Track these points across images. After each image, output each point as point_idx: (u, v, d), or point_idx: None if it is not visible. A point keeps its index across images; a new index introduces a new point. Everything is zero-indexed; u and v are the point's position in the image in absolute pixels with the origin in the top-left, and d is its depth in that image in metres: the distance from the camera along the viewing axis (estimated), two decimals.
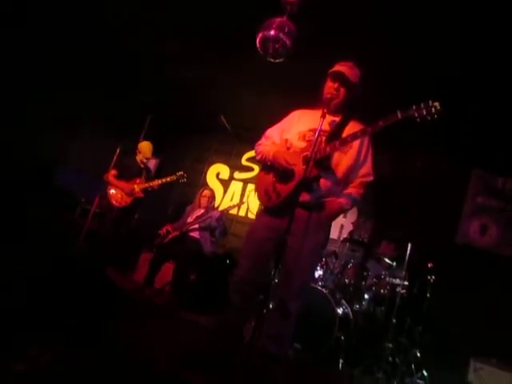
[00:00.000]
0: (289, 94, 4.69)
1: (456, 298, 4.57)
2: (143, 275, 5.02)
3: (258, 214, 2.73)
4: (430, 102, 2.15)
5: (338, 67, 2.53)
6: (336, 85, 2.51)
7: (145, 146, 5.37)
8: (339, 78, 2.50)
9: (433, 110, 2.12)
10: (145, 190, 5.16)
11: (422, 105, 2.16)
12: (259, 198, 2.65)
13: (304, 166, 2.34)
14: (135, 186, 5.12)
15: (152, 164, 6.77)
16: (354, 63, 2.57)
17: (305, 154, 2.41)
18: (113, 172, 5.14)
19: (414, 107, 2.18)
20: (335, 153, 2.44)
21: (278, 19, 3.26)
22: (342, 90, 2.52)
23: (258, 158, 2.70)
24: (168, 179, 5.19)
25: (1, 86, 4.72)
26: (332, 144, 2.39)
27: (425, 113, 2.13)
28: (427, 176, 5.39)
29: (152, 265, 4.93)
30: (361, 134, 2.36)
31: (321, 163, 2.40)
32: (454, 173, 5.37)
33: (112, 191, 5.08)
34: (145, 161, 5.37)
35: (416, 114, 2.16)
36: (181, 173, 5.24)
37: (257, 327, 1.96)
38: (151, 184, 5.16)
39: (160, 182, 5.16)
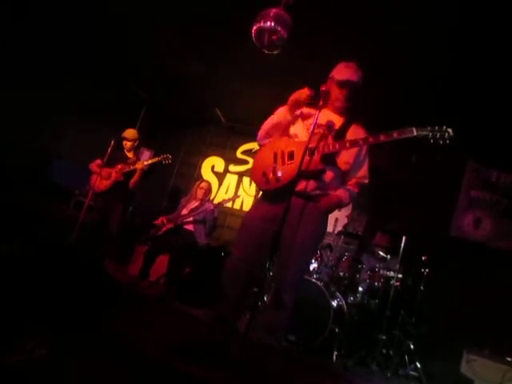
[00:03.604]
0: (284, 86, 4.66)
1: (449, 290, 4.60)
2: (138, 268, 5.01)
3: (254, 204, 2.73)
4: (444, 126, 2.19)
5: (345, 74, 2.53)
6: (344, 92, 2.53)
7: (128, 131, 5.23)
8: (348, 86, 2.52)
9: (446, 135, 2.16)
10: (126, 174, 4.94)
11: (437, 128, 2.19)
12: (255, 179, 2.61)
13: (308, 157, 2.33)
14: (114, 170, 4.95)
15: (146, 156, 6.72)
16: (356, 63, 2.58)
17: (311, 145, 2.38)
18: (98, 162, 5.05)
19: (429, 128, 2.21)
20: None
21: (274, 10, 3.22)
22: (350, 95, 2.54)
23: (259, 135, 2.72)
24: (150, 161, 5.01)
25: None
26: (342, 142, 2.40)
27: (438, 136, 2.17)
28: (422, 169, 5.41)
29: (146, 257, 4.92)
30: (373, 140, 2.36)
31: (327, 158, 2.42)
32: (449, 166, 5.38)
33: (93, 179, 4.97)
34: (131, 145, 5.18)
35: (430, 135, 2.19)
36: (165, 155, 5.00)
37: (252, 319, 1.96)
38: (132, 167, 4.94)
39: (142, 164, 4.95)
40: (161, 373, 1.97)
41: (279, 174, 2.48)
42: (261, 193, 2.69)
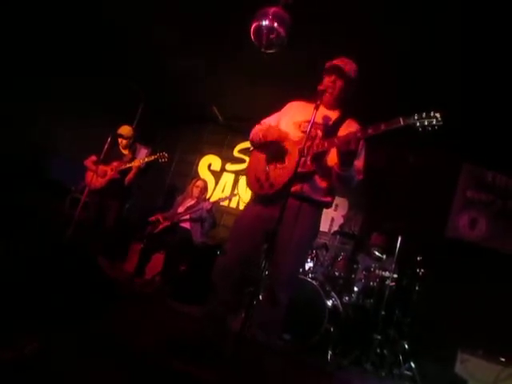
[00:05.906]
0: (281, 84, 4.67)
1: (444, 290, 4.61)
2: (133, 265, 5.00)
3: (249, 203, 2.72)
4: (432, 112, 2.05)
5: (334, 62, 2.51)
6: (332, 77, 2.49)
7: (124, 128, 5.18)
8: (335, 71, 2.48)
9: (434, 121, 2.03)
10: (121, 172, 4.90)
11: (424, 114, 2.05)
12: (250, 184, 2.60)
13: (299, 159, 2.30)
14: (109, 168, 4.90)
15: (143, 154, 6.69)
16: (351, 59, 2.55)
17: (301, 145, 2.31)
18: (92, 158, 5.02)
19: (416, 116, 2.07)
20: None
21: (273, 8, 3.22)
22: (339, 83, 2.49)
23: (251, 138, 2.64)
24: (146, 159, 4.93)
25: None
26: (331, 140, 2.33)
27: (426, 123, 2.04)
28: (418, 170, 5.42)
29: (142, 255, 4.91)
30: (361, 135, 2.22)
31: (318, 158, 2.38)
32: (445, 167, 5.39)
33: (88, 176, 4.93)
34: (126, 143, 5.15)
35: (418, 124, 2.05)
36: (162, 153, 4.93)
37: (247, 317, 1.96)
38: (128, 165, 4.90)
39: (138, 162, 4.90)
40: (153, 370, 1.96)
41: (272, 178, 2.44)
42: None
